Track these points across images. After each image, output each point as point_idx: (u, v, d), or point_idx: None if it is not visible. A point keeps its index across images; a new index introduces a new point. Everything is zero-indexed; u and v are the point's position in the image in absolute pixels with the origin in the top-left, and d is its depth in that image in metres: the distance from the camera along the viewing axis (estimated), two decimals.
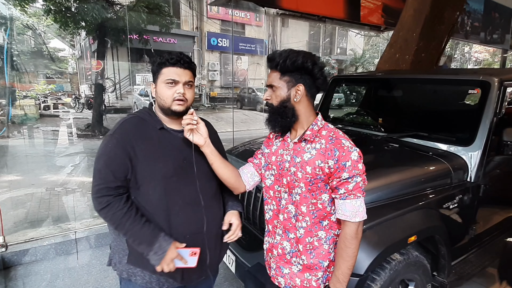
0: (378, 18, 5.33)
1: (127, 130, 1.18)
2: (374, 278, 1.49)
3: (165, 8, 9.16)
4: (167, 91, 1.18)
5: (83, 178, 5.12)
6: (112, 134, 1.17)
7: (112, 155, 1.14)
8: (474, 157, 1.95)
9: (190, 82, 1.22)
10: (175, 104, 1.18)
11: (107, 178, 1.13)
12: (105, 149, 1.15)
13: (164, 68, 1.18)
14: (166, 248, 1.13)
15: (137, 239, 1.14)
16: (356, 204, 1.12)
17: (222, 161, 1.28)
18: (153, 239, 1.13)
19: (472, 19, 6.76)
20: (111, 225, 1.15)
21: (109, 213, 1.12)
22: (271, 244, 1.31)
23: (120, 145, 1.14)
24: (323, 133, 1.17)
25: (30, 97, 8.39)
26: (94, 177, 1.15)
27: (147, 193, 1.17)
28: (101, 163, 1.14)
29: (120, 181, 1.14)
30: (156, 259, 1.13)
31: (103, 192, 1.12)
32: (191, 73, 1.22)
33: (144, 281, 1.23)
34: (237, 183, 1.33)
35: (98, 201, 1.13)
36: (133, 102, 11.84)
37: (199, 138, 1.22)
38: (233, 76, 16.92)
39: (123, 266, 1.23)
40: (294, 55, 1.12)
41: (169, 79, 1.17)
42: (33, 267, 2.65)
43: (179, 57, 1.18)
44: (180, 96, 1.17)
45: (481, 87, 2.05)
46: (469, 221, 2.04)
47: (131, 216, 1.13)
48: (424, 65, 3.71)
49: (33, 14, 8.78)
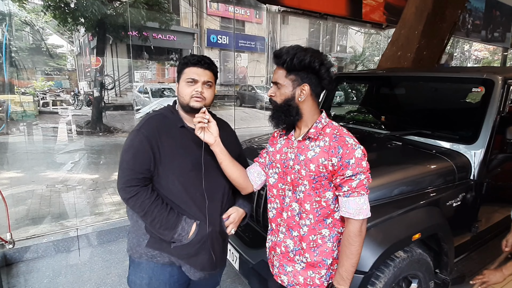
0: (380, 15, 5.32)
1: (153, 126, 1.26)
2: (378, 275, 1.50)
3: (165, 5, 9.12)
4: (186, 89, 1.26)
5: (83, 175, 5.12)
6: (139, 129, 1.25)
7: (140, 148, 1.22)
8: (477, 155, 1.95)
9: (209, 82, 1.28)
10: (192, 100, 1.25)
11: (136, 169, 1.21)
12: (132, 142, 1.23)
13: (186, 68, 1.27)
14: (188, 230, 1.24)
15: (163, 225, 1.22)
16: (359, 201, 1.11)
17: (231, 160, 1.29)
18: (177, 222, 1.23)
19: (473, 17, 6.76)
20: (139, 213, 1.23)
21: (138, 201, 1.20)
22: (274, 242, 1.31)
23: (147, 140, 1.22)
24: (327, 131, 1.17)
25: (28, 94, 8.35)
26: (122, 169, 1.23)
27: (168, 186, 1.25)
28: (130, 155, 1.22)
29: (146, 173, 1.22)
30: (179, 239, 1.24)
31: (133, 182, 1.20)
32: (211, 73, 1.29)
33: (165, 261, 1.31)
34: (245, 183, 1.34)
35: (127, 191, 1.20)
36: (132, 99, 11.80)
37: (209, 137, 1.23)
38: (234, 74, 16.87)
39: (142, 249, 1.30)
40: (302, 54, 1.11)
41: (190, 78, 1.25)
42: (35, 264, 2.65)
43: (201, 58, 1.27)
44: (197, 94, 1.25)
45: (485, 85, 2.05)
46: (472, 219, 2.05)
47: (158, 204, 1.22)
48: (425, 63, 3.71)
49: (32, 10, 8.71)
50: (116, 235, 3.07)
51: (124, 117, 10.21)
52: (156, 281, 1.32)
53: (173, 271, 1.33)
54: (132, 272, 1.37)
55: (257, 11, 16.73)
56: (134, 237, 1.33)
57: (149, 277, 1.32)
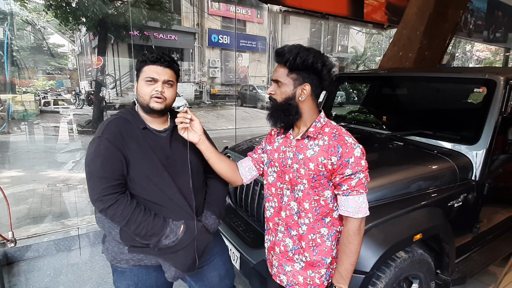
0: (382, 15, 5.31)
1: (114, 130, 1.18)
2: (379, 276, 1.49)
3: (166, 4, 9.12)
4: (146, 89, 1.19)
5: (84, 174, 5.11)
6: (100, 136, 1.17)
7: (107, 155, 1.14)
8: (479, 156, 1.95)
9: (170, 81, 1.22)
10: (152, 101, 1.19)
11: (109, 176, 1.13)
12: (98, 150, 1.15)
13: (145, 66, 1.19)
14: (177, 231, 1.20)
15: (149, 231, 1.16)
16: (359, 200, 1.12)
17: (218, 156, 1.30)
18: (165, 225, 1.18)
19: (475, 18, 6.74)
20: (121, 221, 1.14)
21: (118, 209, 1.12)
22: (273, 242, 1.31)
23: (112, 145, 1.15)
24: (326, 130, 1.17)
25: (30, 93, 8.37)
26: (93, 180, 1.14)
27: (143, 189, 1.19)
28: (98, 164, 1.13)
29: (121, 178, 1.16)
30: (168, 242, 1.18)
31: (109, 190, 1.12)
32: (172, 72, 1.22)
33: (152, 262, 1.27)
34: (234, 177, 1.35)
35: (104, 200, 1.12)
36: (133, 98, 11.80)
37: (193, 136, 1.23)
38: (236, 73, 16.87)
39: (126, 255, 1.25)
40: (305, 54, 1.10)
41: (149, 77, 1.18)
42: (36, 262, 2.66)
43: (160, 55, 1.19)
44: (157, 94, 1.18)
45: (487, 86, 2.04)
46: (473, 220, 2.04)
47: (141, 209, 1.16)
48: (427, 63, 3.70)
49: (33, 9, 8.73)
50: None
51: None
52: (143, 285, 1.29)
53: (159, 275, 1.30)
54: (117, 280, 1.31)
55: (258, 10, 16.73)
56: (114, 245, 1.26)
57: (135, 283, 1.28)
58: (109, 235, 1.27)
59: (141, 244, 1.21)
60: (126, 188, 1.18)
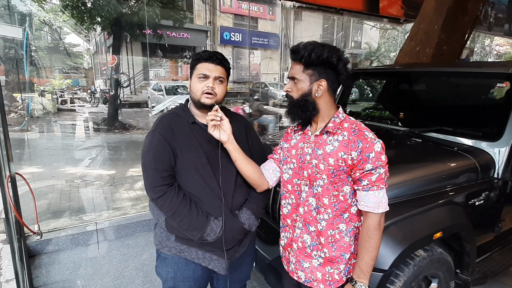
0: (398, 10, 5.19)
1: (166, 124, 1.28)
2: (398, 274, 1.47)
3: (179, 3, 9.18)
4: (198, 85, 1.26)
5: (100, 171, 5.24)
6: (154, 130, 1.27)
7: (159, 147, 1.24)
8: (501, 153, 1.89)
9: (221, 78, 1.28)
10: (204, 97, 1.26)
11: (159, 168, 1.22)
12: (151, 144, 1.25)
13: (198, 64, 1.27)
14: (217, 231, 1.25)
15: (191, 226, 1.23)
16: (379, 195, 1.12)
17: (245, 158, 1.30)
18: (206, 223, 1.25)
19: (496, 10, 6.51)
20: (167, 213, 1.24)
21: (166, 200, 1.21)
22: (290, 238, 1.31)
23: (163, 138, 1.24)
24: (345, 125, 1.17)
25: (48, 92, 8.60)
26: (146, 171, 1.24)
27: (188, 181, 1.27)
28: (151, 156, 1.23)
29: (170, 170, 1.24)
30: (209, 239, 1.25)
31: (159, 181, 1.22)
32: (223, 69, 1.29)
33: (192, 257, 1.34)
34: (260, 180, 1.34)
35: (155, 191, 1.22)
36: (147, 96, 11.97)
37: (222, 135, 1.24)
38: (249, 71, 16.84)
39: (171, 243, 1.33)
40: (320, 49, 1.11)
41: (201, 73, 1.26)
42: (56, 256, 2.74)
43: (212, 53, 1.27)
44: (208, 89, 1.25)
45: (510, 80, 1.98)
46: (495, 219, 1.99)
47: (186, 204, 1.23)
48: (445, 58, 3.60)
49: (50, 10, 8.93)
50: (133, 229, 3.13)
51: (139, 114, 10.39)
52: (181, 275, 1.36)
53: (197, 268, 1.36)
54: (159, 265, 1.41)
55: (271, 7, 16.63)
56: (162, 231, 1.35)
57: (174, 271, 1.36)
58: (157, 222, 1.35)
59: (185, 236, 1.28)
60: (175, 181, 1.26)
